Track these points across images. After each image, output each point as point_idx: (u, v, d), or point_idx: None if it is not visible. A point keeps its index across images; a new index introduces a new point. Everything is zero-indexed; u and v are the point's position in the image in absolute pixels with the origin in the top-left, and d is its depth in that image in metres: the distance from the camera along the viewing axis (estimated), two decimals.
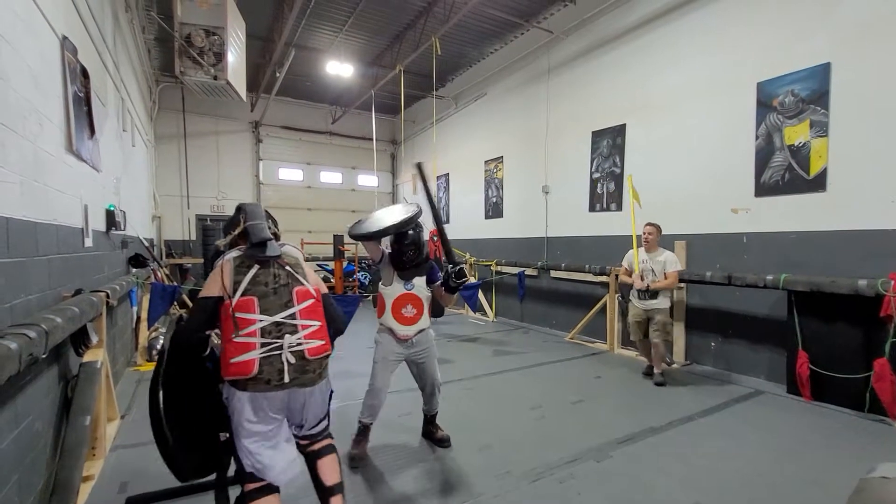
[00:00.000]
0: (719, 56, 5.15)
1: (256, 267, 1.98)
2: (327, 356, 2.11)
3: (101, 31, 4.39)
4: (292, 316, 1.96)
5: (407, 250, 2.99)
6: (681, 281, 5.37)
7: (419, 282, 3.08)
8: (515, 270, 7.84)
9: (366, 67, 9.47)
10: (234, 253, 2.02)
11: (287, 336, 1.91)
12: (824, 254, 4.29)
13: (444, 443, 3.24)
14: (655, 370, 4.73)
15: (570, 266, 6.87)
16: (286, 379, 1.88)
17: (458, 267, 2.81)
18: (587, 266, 6.49)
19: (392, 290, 3.07)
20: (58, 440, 2.63)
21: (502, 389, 4.55)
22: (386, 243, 3.17)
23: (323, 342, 2.05)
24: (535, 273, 7.81)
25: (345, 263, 9.99)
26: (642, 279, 4.75)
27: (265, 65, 8.80)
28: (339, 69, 8.81)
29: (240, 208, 2.20)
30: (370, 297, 9.32)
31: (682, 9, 5.53)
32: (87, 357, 2.90)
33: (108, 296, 3.22)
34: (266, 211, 2.25)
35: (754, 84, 4.80)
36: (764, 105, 4.74)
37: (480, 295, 8.44)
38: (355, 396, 4.26)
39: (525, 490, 2.66)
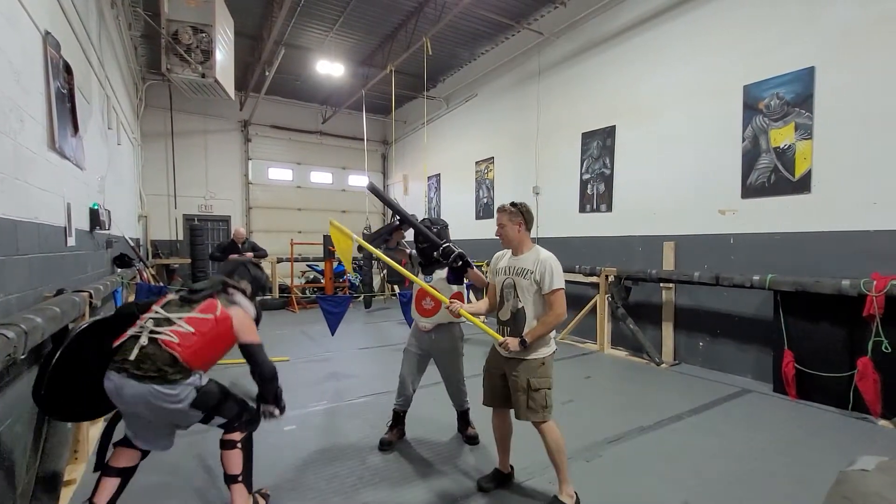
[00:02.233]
0: (707, 59, 5.22)
1: None
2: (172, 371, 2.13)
3: (86, 27, 4.31)
4: None
5: (421, 246, 3.17)
6: (669, 281, 5.43)
7: (438, 275, 3.16)
8: None
9: (356, 67, 9.43)
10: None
11: None
12: (809, 254, 4.36)
13: (472, 440, 3.25)
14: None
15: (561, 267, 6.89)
16: None
17: (442, 248, 2.90)
18: (577, 267, 6.52)
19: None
20: (38, 443, 2.56)
21: None
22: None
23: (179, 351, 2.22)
24: None
25: (335, 264, 9.93)
26: (501, 301, 2.62)
27: (254, 63, 8.73)
28: (330, 68, 8.76)
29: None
30: (360, 298, 9.28)
31: (670, 12, 5.60)
32: None
33: (91, 296, 3.15)
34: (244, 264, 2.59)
35: (741, 87, 4.87)
36: (750, 108, 4.81)
37: (472, 296, 8.45)
38: (345, 398, 4.24)
39: (515, 490, 2.66)
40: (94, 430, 3.30)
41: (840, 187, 4.17)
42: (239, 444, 2.25)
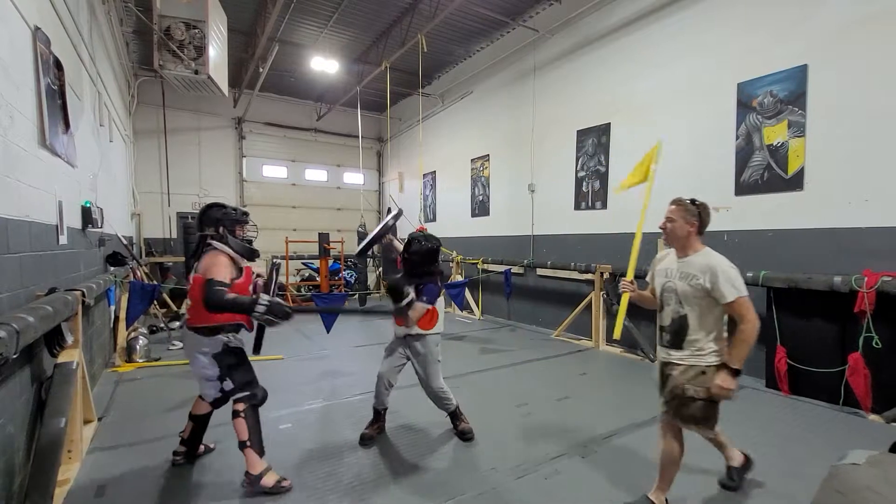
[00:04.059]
0: (701, 57, 5.24)
1: None
2: (193, 328, 2.65)
3: (76, 23, 4.26)
4: None
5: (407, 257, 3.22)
6: None
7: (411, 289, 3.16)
8: (502, 268, 7.87)
9: (351, 64, 9.38)
10: None
11: None
12: (801, 251, 4.40)
13: (464, 436, 3.26)
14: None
15: (556, 264, 6.93)
16: None
17: (390, 285, 2.93)
18: (573, 264, 6.55)
19: None
20: (31, 443, 2.55)
21: (489, 387, 4.56)
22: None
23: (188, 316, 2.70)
24: (521, 271, 7.85)
25: (330, 262, 9.90)
26: (661, 304, 2.48)
27: (248, 60, 8.66)
28: (324, 65, 8.71)
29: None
30: (356, 296, 9.27)
31: (664, 10, 5.61)
32: (62, 358, 2.82)
33: (83, 294, 3.13)
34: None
35: (734, 85, 4.89)
36: (744, 105, 4.83)
37: (467, 293, 8.46)
38: (340, 396, 4.24)
39: (511, 486, 2.67)
40: (87, 431, 3.28)
41: (832, 185, 4.21)
42: (242, 414, 2.62)
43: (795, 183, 4.44)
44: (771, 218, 4.64)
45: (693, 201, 2.35)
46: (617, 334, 2.74)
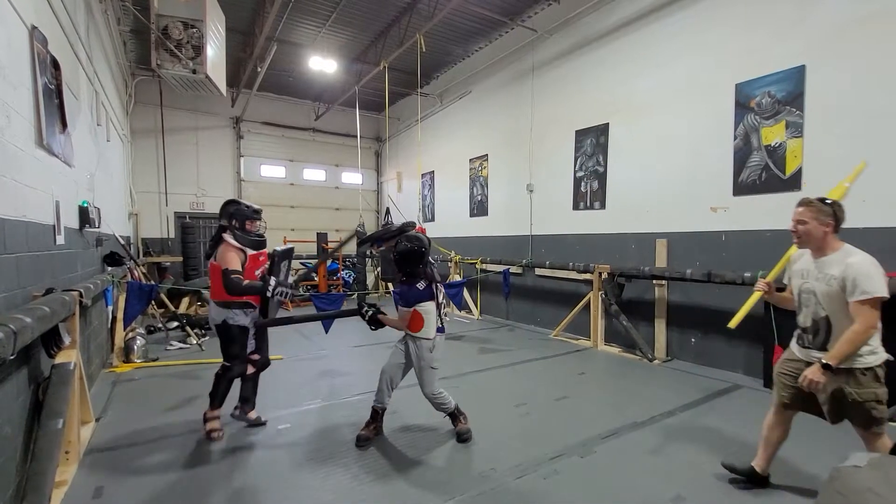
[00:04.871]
0: (699, 57, 5.25)
1: None
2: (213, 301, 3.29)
3: (73, 22, 4.24)
4: None
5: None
6: (662, 278, 5.47)
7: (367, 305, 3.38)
8: (500, 268, 7.87)
9: (350, 63, 9.37)
10: None
11: None
12: None
13: (460, 436, 3.25)
14: None
15: (555, 264, 6.93)
16: None
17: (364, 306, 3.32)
18: (571, 264, 6.55)
19: None
20: (29, 444, 2.53)
21: (488, 386, 4.56)
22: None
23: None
24: (519, 271, 7.85)
25: (329, 262, 9.88)
26: (799, 305, 2.46)
27: (246, 59, 8.63)
28: (323, 65, 8.70)
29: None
30: (354, 296, 9.26)
31: (663, 10, 5.62)
32: (60, 358, 2.80)
33: (81, 295, 3.12)
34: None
35: (733, 85, 4.90)
36: (742, 106, 4.84)
37: (465, 293, 8.46)
38: (339, 396, 4.23)
39: (510, 486, 2.67)
40: (85, 432, 3.26)
41: (830, 185, 4.16)
42: (219, 373, 3.31)
43: (793, 183, 4.46)
44: (769, 218, 4.65)
45: (824, 200, 2.30)
46: (733, 324, 2.89)
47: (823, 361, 2.13)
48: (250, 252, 3.30)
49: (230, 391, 3.35)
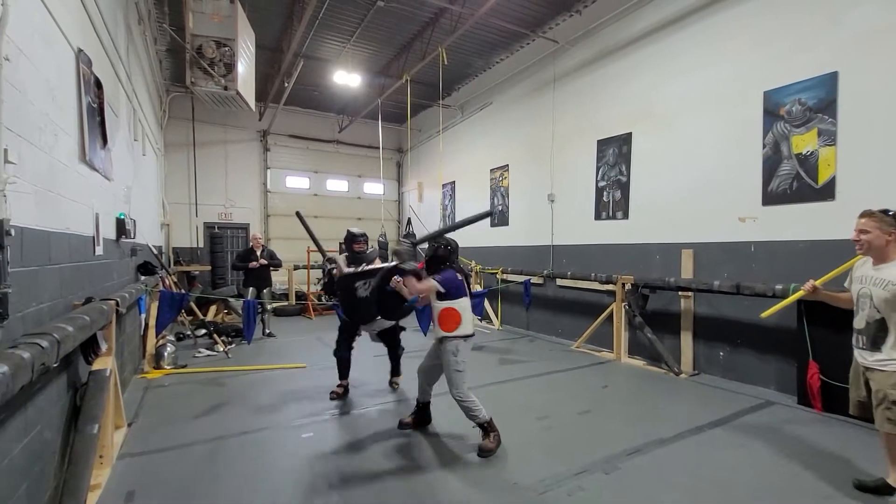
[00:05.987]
0: (725, 65, 5.16)
1: None
2: None
3: (115, 43, 4.47)
4: None
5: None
6: (688, 290, 5.34)
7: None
8: (521, 279, 7.82)
9: (373, 77, 9.56)
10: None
11: None
12: (834, 263, 4.22)
13: (481, 451, 3.22)
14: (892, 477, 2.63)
15: (577, 274, 6.85)
16: None
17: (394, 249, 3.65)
18: (593, 274, 6.47)
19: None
20: (66, 448, 2.64)
21: (509, 398, 4.51)
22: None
23: None
24: (540, 281, 7.79)
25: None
26: (857, 308, 2.64)
27: (274, 75, 8.92)
28: (347, 79, 8.89)
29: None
30: None
31: (686, 19, 5.56)
32: (97, 365, 2.92)
33: (117, 304, 3.25)
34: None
35: (761, 93, 4.80)
36: (771, 114, 4.73)
37: (486, 303, 8.43)
38: (358, 406, 4.26)
39: (533, 501, 2.63)
40: (117, 436, 3.38)
41: (865, 194, 4.06)
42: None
43: (827, 192, 4.31)
44: (801, 228, 4.50)
45: (887, 211, 2.45)
46: (766, 314, 3.30)
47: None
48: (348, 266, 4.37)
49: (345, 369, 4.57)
